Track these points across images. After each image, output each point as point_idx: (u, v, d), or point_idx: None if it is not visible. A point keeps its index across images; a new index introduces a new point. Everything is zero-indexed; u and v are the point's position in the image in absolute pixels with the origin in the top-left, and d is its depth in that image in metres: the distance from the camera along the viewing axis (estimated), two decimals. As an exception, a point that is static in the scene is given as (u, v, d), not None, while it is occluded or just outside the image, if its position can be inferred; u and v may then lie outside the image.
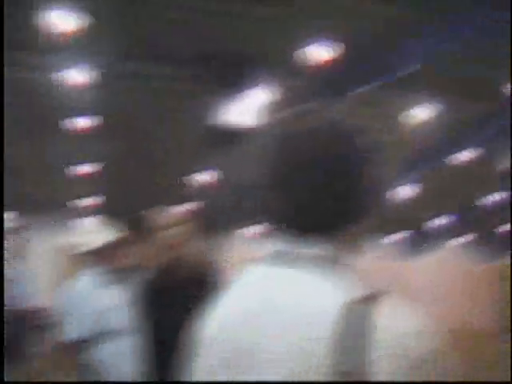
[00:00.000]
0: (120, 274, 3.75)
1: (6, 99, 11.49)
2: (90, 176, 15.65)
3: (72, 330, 3.48)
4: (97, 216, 19.35)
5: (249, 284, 1.12)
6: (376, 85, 9.78)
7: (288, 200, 1.10)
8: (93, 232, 3.76)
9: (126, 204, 16.15)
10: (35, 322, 9.02)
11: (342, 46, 9.03)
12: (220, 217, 20.41)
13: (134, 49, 9.64)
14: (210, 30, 9.13)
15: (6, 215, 13.81)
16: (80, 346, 3.46)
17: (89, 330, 3.46)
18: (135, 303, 2.78)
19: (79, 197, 18.35)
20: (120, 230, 3.70)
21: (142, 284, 2.87)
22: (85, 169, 15.30)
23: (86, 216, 19.54)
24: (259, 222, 21.33)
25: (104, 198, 18.24)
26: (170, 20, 8.86)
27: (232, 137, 10.70)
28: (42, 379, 8.23)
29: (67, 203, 19.17)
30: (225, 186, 17.26)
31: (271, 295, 1.06)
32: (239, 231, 22.04)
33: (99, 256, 3.63)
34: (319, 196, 1.08)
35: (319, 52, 9.10)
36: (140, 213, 3.04)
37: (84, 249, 3.68)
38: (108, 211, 16.94)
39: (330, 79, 9.71)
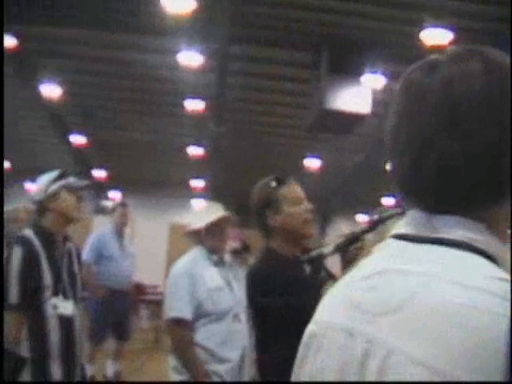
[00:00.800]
0: (225, 254, 3.73)
1: (122, 82, 11.83)
2: (201, 158, 15.85)
3: (175, 309, 3.47)
4: (205, 197, 19.71)
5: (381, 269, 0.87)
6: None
7: (432, 167, 0.86)
8: (199, 212, 3.75)
9: (234, 187, 16.32)
10: (140, 298, 9.27)
11: (458, 29, 8.67)
12: (332, 202, 20.31)
13: (248, 31, 9.64)
14: (326, 14, 9.00)
15: (111, 193, 14.02)
16: (182, 325, 3.44)
17: (192, 310, 3.44)
18: (249, 286, 2.66)
19: (190, 177, 18.65)
20: (227, 212, 3.67)
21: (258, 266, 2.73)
22: (196, 150, 15.48)
23: (195, 197, 19.92)
24: (368, 210, 21.08)
25: (212, 179, 18.45)
26: (288, 3, 8.78)
27: (345, 123, 10.52)
28: (143, 357, 8.43)
29: (178, 183, 19.60)
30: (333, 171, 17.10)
31: (406, 284, 0.82)
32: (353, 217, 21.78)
33: (205, 236, 3.60)
34: (472, 161, 0.84)
35: (436, 36, 8.77)
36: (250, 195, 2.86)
37: (190, 228, 3.67)
38: (216, 193, 17.19)
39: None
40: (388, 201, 17.34)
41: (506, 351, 0.70)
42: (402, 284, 0.82)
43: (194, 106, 12.35)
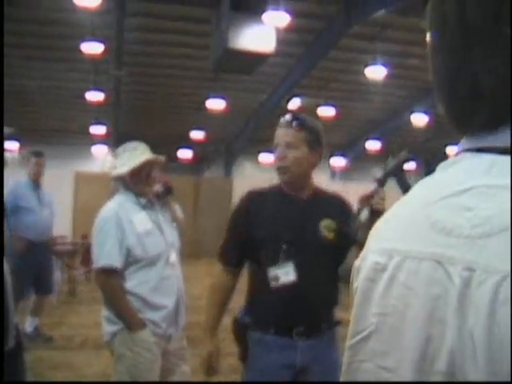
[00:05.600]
0: (152, 198, 3.59)
1: (13, 26, 11.25)
2: (101, 103, 15.35)
3: (104, 257, 3.34)
4: (107, 144, 19.26)
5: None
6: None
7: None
8: (124, 155, 3.56)
9: (137, 132, 16.03)
10: (60, 248, 9.02)
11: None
12: (236, 142, 20.21)
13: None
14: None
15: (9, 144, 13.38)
16: (113, 274, 3.33)
17: (122, 257, 3.32)
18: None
19: (91, 124, 18.10)
20: (152, 154, 3.52)
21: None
22: (96, 96, 14.90)
23: (96, 143, 19.48)
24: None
25: (114, 125, 18.03)
26: None
27: (249, 62, 10.44)
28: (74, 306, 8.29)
29: (79, 131, 19.11)
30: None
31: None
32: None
33: (130, 180, 3.46)
34: None
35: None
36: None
37: (114, 173, 3.50)
38: (118, 138, 16.84)
39: None
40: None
41: None
42: (500, 201, 0.69)
43: (92, 49, 11.85)
